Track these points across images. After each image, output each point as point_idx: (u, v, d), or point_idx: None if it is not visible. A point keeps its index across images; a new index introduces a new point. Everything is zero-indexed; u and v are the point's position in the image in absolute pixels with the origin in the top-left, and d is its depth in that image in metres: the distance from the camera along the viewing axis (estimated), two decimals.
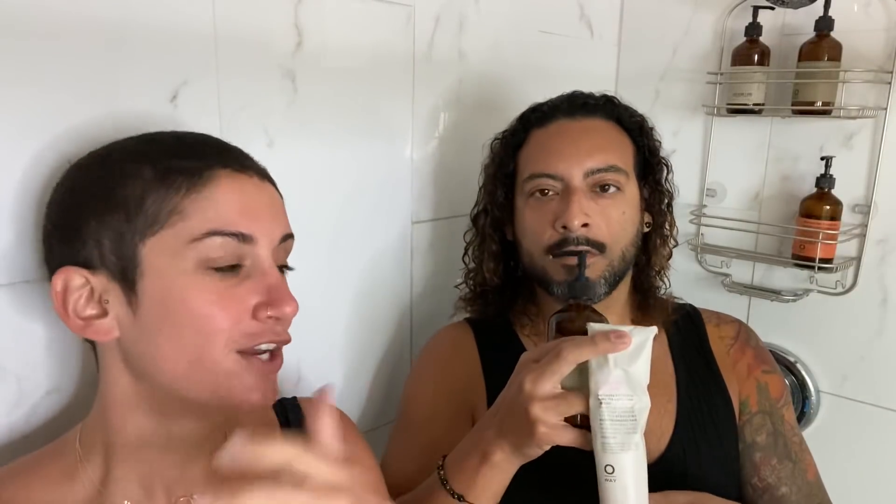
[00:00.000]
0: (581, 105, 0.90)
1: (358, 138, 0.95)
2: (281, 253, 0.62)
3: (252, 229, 0.57)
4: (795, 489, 0.86)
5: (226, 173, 0.58)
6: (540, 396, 0.63)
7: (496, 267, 0.95)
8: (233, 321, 0.56)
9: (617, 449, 0.61)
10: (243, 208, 0.58)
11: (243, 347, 0.57)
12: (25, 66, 0.63)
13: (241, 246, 0.57)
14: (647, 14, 1.34)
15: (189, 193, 0.56)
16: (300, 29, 0.85)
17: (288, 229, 0.62)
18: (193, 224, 0.55)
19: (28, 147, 0.64)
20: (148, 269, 0.55)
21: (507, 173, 0.92)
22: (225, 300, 0.56)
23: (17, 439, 0.68)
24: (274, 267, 0.59)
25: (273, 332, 0.59)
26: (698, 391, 0.88)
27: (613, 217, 0.85)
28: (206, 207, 0.56)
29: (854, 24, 1.10)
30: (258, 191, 0.60)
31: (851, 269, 1.15)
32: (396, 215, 1.04)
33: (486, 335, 0.95)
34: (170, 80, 0.73)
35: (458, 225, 1.03)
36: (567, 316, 0.71)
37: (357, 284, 1.00)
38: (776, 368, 0.94)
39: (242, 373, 0.57)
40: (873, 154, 1.12)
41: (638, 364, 0.62)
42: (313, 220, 0.92)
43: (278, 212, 0.62)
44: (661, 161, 0.93)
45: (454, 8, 1.05)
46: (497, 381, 0.89)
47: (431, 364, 0.95)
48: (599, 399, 0.61)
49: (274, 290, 0.58)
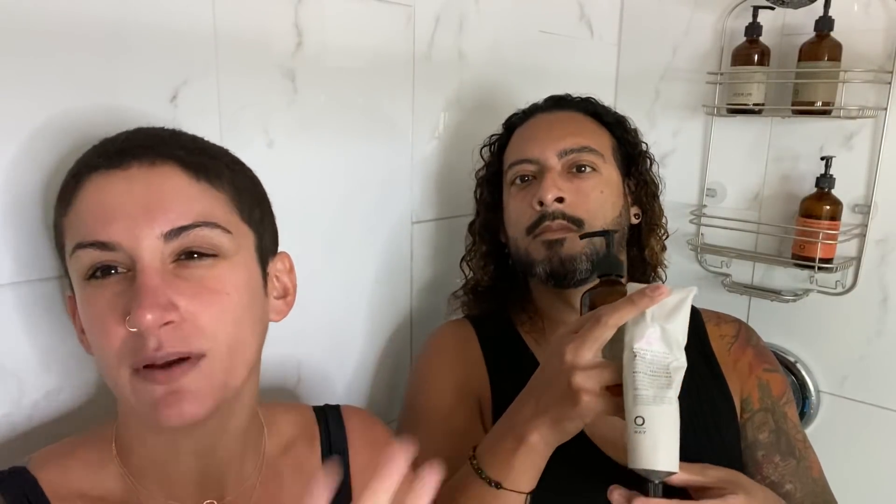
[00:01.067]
0: (557, 101, 0.97)
1: (358, 138, 0.95)
2: (177, 246, 0.54)
3: (110, 235, 0.52)
4: (800, 486, 0.85)
5: (95, 177, 0.54)
6: (582, 365, 0.62)
7: (487, 266, 0.98)
8: (113, 336, 0.52)
9: (649, 401, 0.59)
10: (100, 213, 0.53)
11: (133, 364, 0.52)
12: (25, 67, 0.63)
13: (106, 253, 0.52)
14: (647, 14, 1.34)
15: (65, 211, 0.55)
16: (300, 29, 0.85)
17: (177, 222, 0.53)
18: (68, 241, 0.55)
19: (28, 147, 0.64)
20: (75, 290, 0.57)
21: (494, 172, 0.97)
22: (104, 313, 0.52)
23: (17, 439, 0.68)
24: (149, 268, 0.52)
25: (150, 347, 0.51)
26: (699, 389, 0.88)
27: (591, 195, 0.87)
28: (73, 221, 0.55)
29: (854, 24, 1.10)
30: (127, 185, 0.53)
31: (851, 269, 1.15)
32: (396, 215, 1.04)
33: (487, 330, 0.96)
34: (170, 80, 0.73)
35: (458, 225, 1.03)
36: (599, 290, 0.71)
37: (357, 284, 1.00)
38: (778, 367, 0.94)
39: (143, 389, 0.52)
40: (873, 154, 1.12)
41: (676, 322, 0.61)
42: (313, 220, 0.92)
43: (159, 204, 0.53)
44: (643, 153, 0.96)
45: (454, 8, 1.05)
46: (500, 374, 0.91)
47: (436, 359, 0.95)
48: (634, 352, 0.60)
49: (135, 296, 0.51)
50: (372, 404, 1.06)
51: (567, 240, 0.86)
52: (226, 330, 0.55)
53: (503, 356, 0.93)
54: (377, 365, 1.06)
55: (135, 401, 0.54)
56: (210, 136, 0.76)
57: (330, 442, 0.70)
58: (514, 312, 0.97)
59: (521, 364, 0.92)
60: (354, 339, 1.02)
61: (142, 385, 0.52)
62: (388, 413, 1.07)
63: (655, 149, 1.33)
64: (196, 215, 0.55)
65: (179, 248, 0.54)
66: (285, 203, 0.87)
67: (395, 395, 1.08)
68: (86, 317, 0.55)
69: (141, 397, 0.53)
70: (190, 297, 0.53)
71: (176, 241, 0.53)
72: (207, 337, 0.53)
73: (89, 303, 0.54)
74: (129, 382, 0.53)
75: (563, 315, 0.93)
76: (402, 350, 1.10)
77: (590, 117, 0.94)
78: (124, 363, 0.52)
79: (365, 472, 0.70)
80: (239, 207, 0.59)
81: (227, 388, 0.56)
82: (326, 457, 0.68)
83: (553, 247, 0.86)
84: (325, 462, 0.67)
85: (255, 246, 0.60)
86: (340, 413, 0.73)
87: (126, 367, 0.53)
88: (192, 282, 0.54)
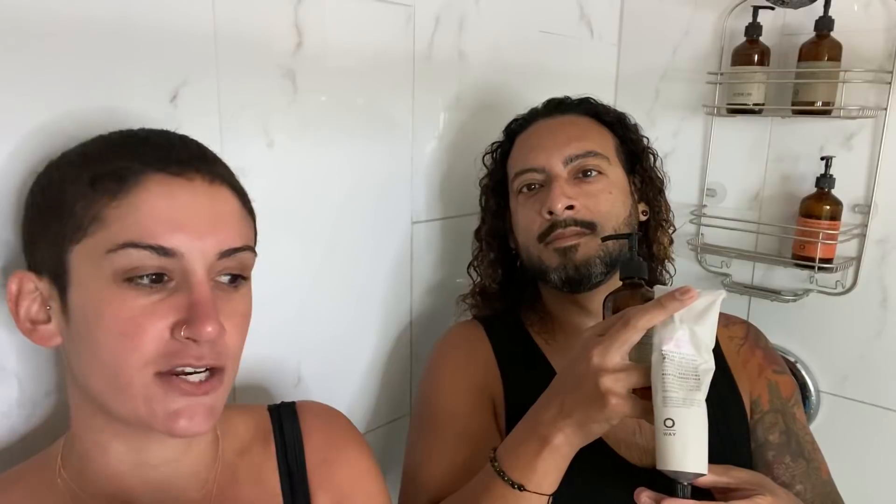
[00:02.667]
0: (557, 105, 0.96)
1: (358, 138, 0.95)
2: (224, 266, 0.56)
3: (175, 243, 0.52)
4: (810, 486, 0.85)
5: (157, 178, 0.53)
6: (610, 368, 0.62)
7: (495, 272, 0.98)
8: (148, 340, 0.52)
9: (678, 404, 0.59)
10: (168, 218, 0.52)
11: (162, 369, 0.53)
12: (25, 67, 0.63)
13: (163, 259, 0.52)
14: (647, 14, 1.34)
15: (112, 200, 0.52)
16: (300, 29, 0.85)
17: (232, 243, 0.56)
18: (112, 233, 0.52)
19: (27, 147, 0.64)
20: (74, 278, 0.53)
21: (499, 181, 0.97)
22: (142, 317, 0.52)
23: (17, 439, 0.68)
24: (204, 282, 0.53)
25: (193, 355, 0.53)
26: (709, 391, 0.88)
27: (600, 198, 0.88)
28: (126, 215, 0.52)
29: (854, 24, 1.10)
30: (193, 197, 0.54)
31: (851, 269, 1.15)
32: (396, 215, 1.04)
33: (497, 330, 0.96)
34: (170, 80, 0.73)
35: (458, 225, 1.03)
36: (623, 294, 0.71)
37: (357, 284, 1.00)
38: (786, 369, 0.94)
39: (163, 397, 0.53)
40: (873, 154, 1.12)
41: (705, 325, 0.61)
42: (313, 220, 0.92)
43: (220, 222, 0.55)
44: (647, 149, 0.97)
45: (454, 8, 1.05)
46: (512, 374, 0.91)
47: (449, 360, 0.95)
48: (663, 354, 0.60)
49: (195, 307, 0.52)
50: (372, 403, 1.06)
51: (581, 245, 0.86)
52: (240, 350, 0.59)
53: (514, 356, 0.93)
54: (377, 364, 1.06)
55: (146, 406, 0.53)
56: (210, 136, 0.77)
57: (284, 441, 0.69)
58: (524, 313, 0.97)
59: (533, 363, 0.92)
60: (355, 339, 1.02)
61: (162, 392, 0.53)
62: (388, 413, 1.07)
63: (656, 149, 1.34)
64: (245, 239, 0.58)
65: (224, 269, 0.56)
66: (285, 203, 0.88)
67: (394, 394, 1.08)
68: (110, 317, 0.52)
69: (157, 404, 0.53)
70: (227, 317, 0.55)
71: (226, 261, 0.56)
72: (230, 356, 0.57)
73: (120, 304, 0.52)
74: (145, 387, 0.53)
75: (574, 317, 0.93)
76: (403, 349, 1.09)
77: (590, 118, 0.94)
78: (150, 368, 0.52)
79: (322, 466, 0.69)
80: (256, 232, 0.62)
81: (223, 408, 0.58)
82: (281, 456, 0.68)
83: (567, 253, 0.86)
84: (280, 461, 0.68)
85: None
86: (295, 410, 0.72)
87: (150, 371, 0.52)
88: (232, 305, 0.57)
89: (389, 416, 1.07)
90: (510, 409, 0.88)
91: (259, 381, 0.89)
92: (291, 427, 0.70)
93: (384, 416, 1.08)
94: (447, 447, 0.86)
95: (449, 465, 0.82)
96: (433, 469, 0.84)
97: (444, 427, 0.88)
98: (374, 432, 1.06)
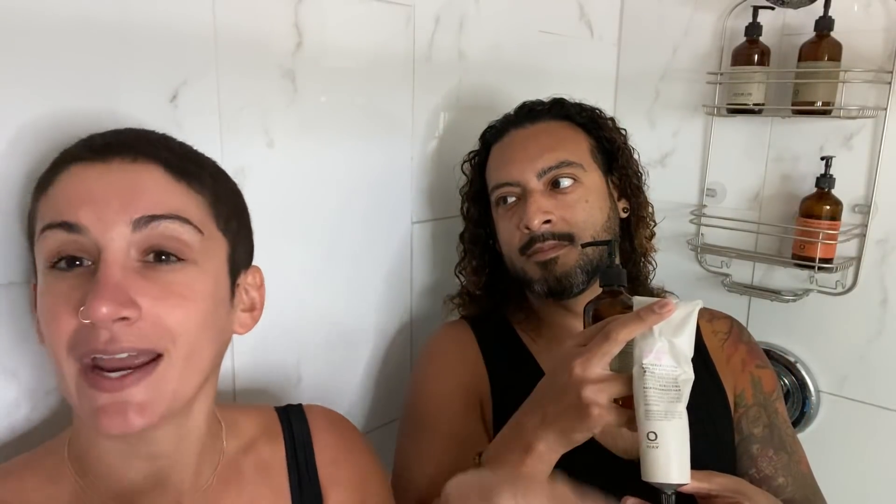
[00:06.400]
0: (528, 112, 0.96)
1: (358, 138, 0.95)
2: (146, 241, 0.53)
3: (78, 216, 0.51)
4: (791, 479, 0.88)
5: (76, 168, 0.54)
6: (592, 379, 0.63)
7: (478, 280, 0.99)
8: (63, 327, 0.50)
9: (660, 416, 0.61)
10: (75, 195, 0.52)
11: (83, 359, 0.50)
12: (25, 67, 0.63)
13: (74, 236, 0.51)
14: (647, 14, 1.34)
15: (42, 196, 0.55)
16: (300, 29, 0.85)
17: (147, 210, 0.52)
18: (38, 225, 0.54)
19: (27, 147, 0.64)
20: (38, 277, 0.55)
21: (478, 190, 0.98)
22: (56, 304, 0.50)
23: (17, 439, 0.68)
24: (115, 261, 0.51)
25: (102, 340, 0.49)
26: (693, 384, 0.89)
27: (576, 208, 0.88)
28: (47, 205, 0.54)
29: (854, 24, 1.10)
30: (105, 174, 0.53)
31: (851, 269, 1.15)
32: (396, 215, 1.04)
33: (484, 330, 0.97)
34: (170, 80, 0.73)
35: (458, 225, 1.03)
36: (603, 302, 0.71)
37: (357, 284, 1.00)
38: (768, 363, 0.96)
39: (87, 391, 0.50)
40: (873, 154, 1.12)
41: (683, 336, 0.62)
42: (313, 220, 0.92)
43: (135, 191, 0.53)
44: (622, 147, 0.96)
45: (454, 8, 1.05)
46: (500, 374, 0.91)
47: (436, 361, 0.95)
48: (643, 367, 0.61)
49: (93, 288, 0.49)
50: (371, 405, 1.06)
51: (560, 257, 0.87)
52: (187, 336, 0.54)
53: (502, 355, 0.93)
54: (377, 364, 1.06)
55: (78, 403, 0.52)
56: (210, 136, 0.77)
57: (294, 438, 0.70)
58: (510, 311, 0.99)
59: (520, 362, 0.93)
60: (355, 339, 1.02)
61: (87, 386, 0.51)
62: (387, 413, 1.07)
63: (655, 149, 1.34)
64: (169, 208, 0.54)
65: (147, 243, 0.53)
66: (285, 203, 0.88)
67: (394, 395, 1.08)
68: (41, 306, 0.53)
69: (84, 401, 0.52)
70: (154, 299, 0.52)
71: (145, 231, 0.52)
72: (168, 338, 0.53)
73: (47, 291, 0.52)
74: (74, 381, 0.51)
75: (559, 318, 0.93)
76: (403, 349, 1.10)
77: (563, 122, 0.94)
78: (72, 356, 0.51)
79: (332, 465, 0.70)
80: (215, 214, 0.58)
81: (177, 398, 0.55)
82: (291, 453, 0.68)
83: (548, 266, 0.87)
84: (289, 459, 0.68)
85: (227, 255, 0.60)
86: (303, 411, 0.73)
87: (73, 361, 0.51)
88: (159, 284, 0.53)
89: (389, 415, 1.07)
90: (497, 406, 0.89)
91: (259, 382, 0.89)
92: (301, 426, 0.71)
93: (384, 416, 1.08)
94: (435, 449, 0.86)
95: (436, 467, 0.83)
96: (421, 470, 0.85)
97: (431, 428, 0.89)
98: (375, 432, 1.06)
